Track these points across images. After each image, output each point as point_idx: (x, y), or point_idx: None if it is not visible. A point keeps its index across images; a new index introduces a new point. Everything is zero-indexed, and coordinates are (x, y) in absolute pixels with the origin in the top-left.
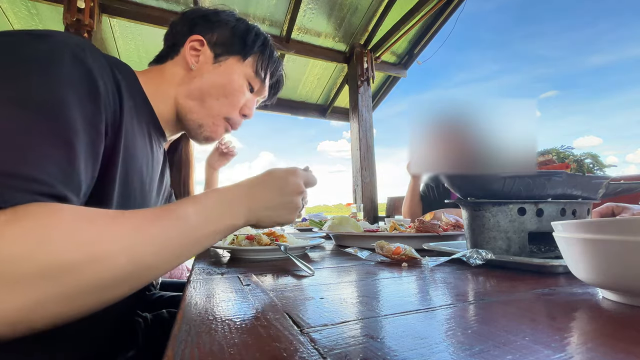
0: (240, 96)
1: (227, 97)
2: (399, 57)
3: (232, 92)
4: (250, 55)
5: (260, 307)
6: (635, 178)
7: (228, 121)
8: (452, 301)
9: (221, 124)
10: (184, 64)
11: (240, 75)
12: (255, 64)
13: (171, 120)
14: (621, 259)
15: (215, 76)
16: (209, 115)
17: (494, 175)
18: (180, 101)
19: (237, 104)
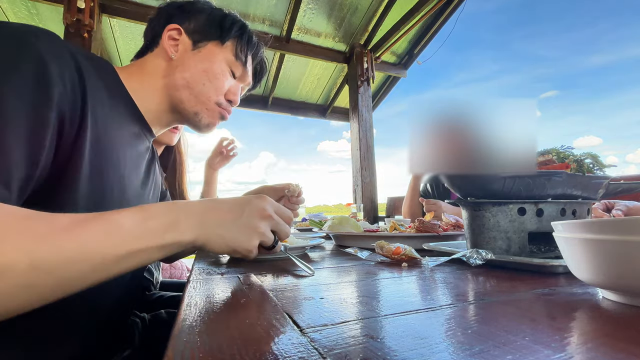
0: (223, 80)
1: (211, 81)
2: (399, 57)
3: (215, 75)
4: (228, 39)
5: (260, 307)
6: (635, 178)
7: (220, 106)
8: (452, 301)
9: (215, 109)
10: (164, 54)
11: (220, 59)
12: (234, 48)
13: (162, 112)
14: (621, 259)
15: (197, 62)
16: (200, 101)
17: (494, 175)
18: (171, 93)
19: (222, 87)
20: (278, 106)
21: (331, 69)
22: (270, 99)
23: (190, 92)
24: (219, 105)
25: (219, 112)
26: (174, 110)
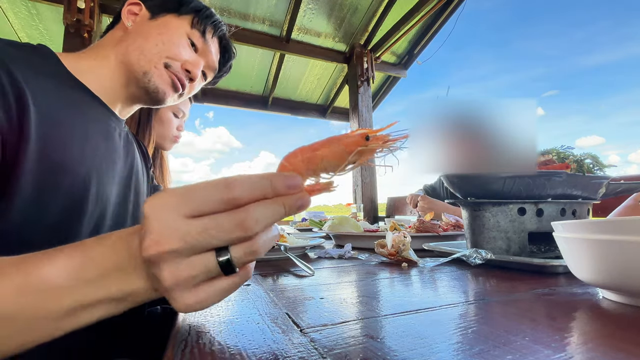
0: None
1: (164, 43)
2: (399, 57)
3: (170, 39)
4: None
5: (260, 307)
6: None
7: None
8: (452, 301)
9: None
10: (122, 26)
11: (177, 26)
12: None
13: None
14: (621, 259)
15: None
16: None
17: (494, 175)
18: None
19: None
20: (278, 106)
21: (331, 69)
22: (270, 99)
23: (141, 52)
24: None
25: (170, 78)
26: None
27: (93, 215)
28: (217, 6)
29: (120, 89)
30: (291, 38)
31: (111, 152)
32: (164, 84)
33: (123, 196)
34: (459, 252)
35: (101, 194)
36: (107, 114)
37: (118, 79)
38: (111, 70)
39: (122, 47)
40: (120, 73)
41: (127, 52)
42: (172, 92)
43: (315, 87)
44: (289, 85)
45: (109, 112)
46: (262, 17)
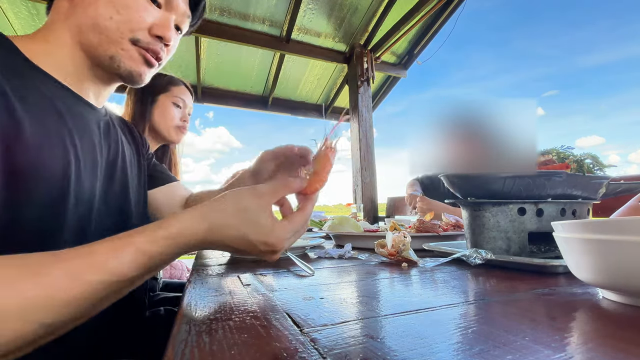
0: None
1: (119, 12)
2: (399, 57)
3: (124, 5)
4: None
5: (260, 307)
6: (636, 178)
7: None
8: (452, 301)
9: (132, 49)
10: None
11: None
12: None
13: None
14: (621, 259)
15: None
16: (112, 41)
17: (494, 175)
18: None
19: (137, 19)
20: (278, 106)
21: (331, 69)
22: (270, 99)
23: (99, 31)
24: (135, 44)
25: (140, 54)
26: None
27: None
28: (217, 6)
29: (86, 72)
30: (291, 38)
31: (89, 147)
32: (136, 65)
33: (106, 190)
34: (459, 252)
35: (81, 193)
36: (79, 104)
37: (80, 62)
38: (70, 53)
39: (72, 24)
40: (81, 56)
41: (81, 32)
42: (148, 69)
43: (315, 87)
44: (289, 85)
45: (81, 101)
46: (262, 17)
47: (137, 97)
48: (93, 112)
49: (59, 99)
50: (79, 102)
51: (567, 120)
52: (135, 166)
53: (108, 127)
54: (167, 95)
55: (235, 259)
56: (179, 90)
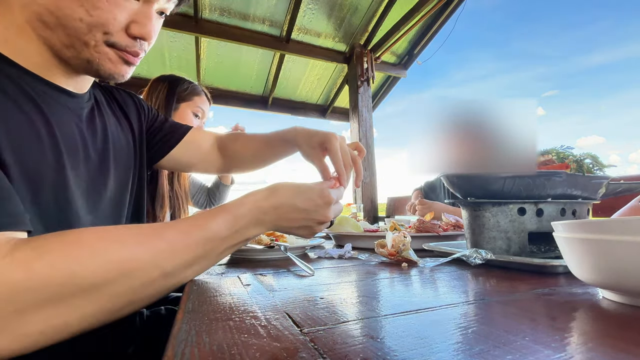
0: (111, 8)
1: (90, 13)
2: (399, 57)
3: (91, 3)
4: None
5: (260, 307)
6: (636, 178)
7: (114, 46)
8: (452, 301)
9: (109, 52)
10: None
11: None
12: None
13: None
14: (621, 259)
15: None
16: (84, 43)
17: (494, 175)
18: (42, 33)
19: (111, 20)
20: (278, 106)
21: (331, 69)
22: (270, 99)
23: (67, 32)
24: (112, 46)
25: (119, 56)
26: (61, 57)
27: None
28: (217, 6)
29: (58, 65)
30: (291, 38)
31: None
32: (115, 67)
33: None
34: (459, 252)
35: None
36: (57, 95)
37: (45, 52)
38: (33, 44)
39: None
40: (44, 48)
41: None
42: (129, 68)
43: (315, 87)
44: (289, 86)
45: (59, 91)
46: (262, 17)
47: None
48: (73, 100)
49: (31, 88)
50: (55, 91)
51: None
52: (133, 145)
53: (92, 113)
54: (188, 104)
55: (235, 259)
56: (200, 100)
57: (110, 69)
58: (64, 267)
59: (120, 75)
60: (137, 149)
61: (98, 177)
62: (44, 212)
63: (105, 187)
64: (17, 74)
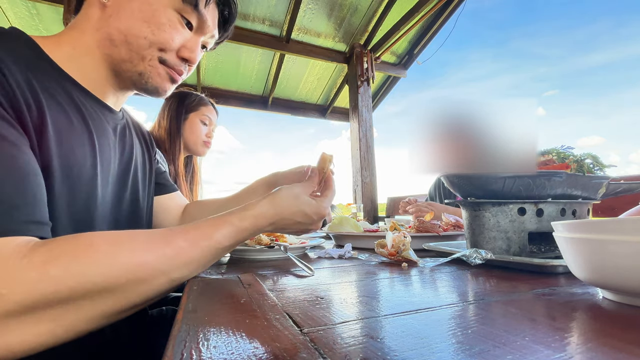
0: (170, 31)
1: (154, 33)
2: (398, 57)
3: (157, 25)
4: None
5: (260, 307)
6: (636, 178)
7: (165, 64)
8: (452, 301)
9: (159, 67)
10: (97, 1)
11: (165, 4)
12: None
13: (105, 78)
14: (621, 259)
15: (135, 9)
16: (141, 57)
17: (494, 175)
18: (105, 51)
19: (169, 41)
20: (278, 106)
21: (331, 69)
22: (270, 99)
23: (129, 47)
24: (163, 63)
25: (167, 73)
26: (117, 72)
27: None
28: None
29: (109, 80)
30: (291, 38)
31: (106, 152)
32: (162, 82)
33: (118, 196)
34: (459, 252)
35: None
36: (101, 110)
37: (105, 71)
38: (95, 61)
39: (103, 35)
40: (107, 67)
41: (112, 45)
42: (172, 85)
43: (315, 87)
44: (289, 86)
45: (102, 106)
46: (262, 17)
47: (172, 113)
48: (111, 115)
49: (80, 100)
50: (99, 105)
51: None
52: (147, 171)
53: (124, 131)
54: (196, 114)
55: (235, 259)
56: (207, 109)
57: (157, 82)
58: (76, 270)
59: (164, 90)
60: (151, 174)
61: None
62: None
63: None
64: (72, 89)
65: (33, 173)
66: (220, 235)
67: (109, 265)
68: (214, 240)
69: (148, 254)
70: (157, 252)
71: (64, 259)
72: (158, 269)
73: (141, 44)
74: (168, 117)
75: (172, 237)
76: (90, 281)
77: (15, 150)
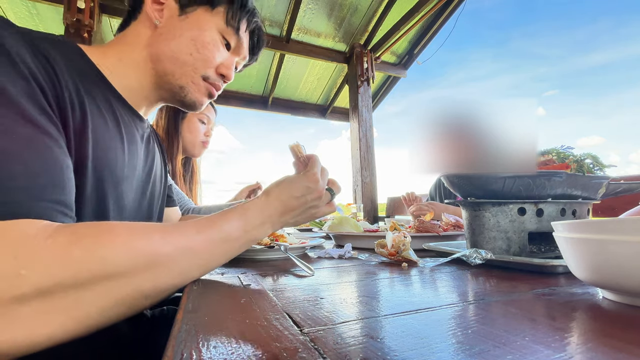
0: (213, 50)
1: (199, 51)
2: (399, 57)
3: (203, 45)
4: (219, 4)
5: (260, 307)
6: (636, 178)
7: (207, 80)
8: (451, 301)
9: (201, 84)
10: (148, 21)
11: (210, 26)
12: (225, 14)
13: (145, 90)
14: (621, 259)
15: (184, 30)
16: (186, 74)
17: (494, 175)
18: (154, 65)
19: (212, 59)
20: (278, 106)
21: (331, 69)
22: (270, 99)
23: (176, 63)
24: (206, 79)
25: (206, 88)
26: (159, 85)
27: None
28: None
29: (148, 91)
30: (291, 38)
31: (133, 159)
32: (200, 96)
33: (139, 202)
34: (459, 252)
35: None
36: (133, 118)
37: (147, 83)
38: (139, 73)
39: (152, 51)
40: (150, 79)
41: (160, 60)
42: (207, 100)
43: (315, 87)
44: (289, 85)
45: (134, 114)
46: (262, 17)
47: (171, 112)
48: (140, 123)
49: (117, 106)
50: (132, 113)
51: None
52: (163, 182)
53: (149, 140)
54: (194, 113)
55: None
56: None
57: (196, 97)
58: (98, 254)
59: (200, 105)
60: (165, 185)
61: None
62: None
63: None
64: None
65: (66, 165)
66: (229, 226)
67: (128, 250)
68: (223, 231)
69: (163, 242)
70: (171, 242)
71: (87, 241)
72: (171, 258)
73: (187, 61)
74: (166, 116)
75: (185, 228)
76: (109, 264)
77: (52, 143)
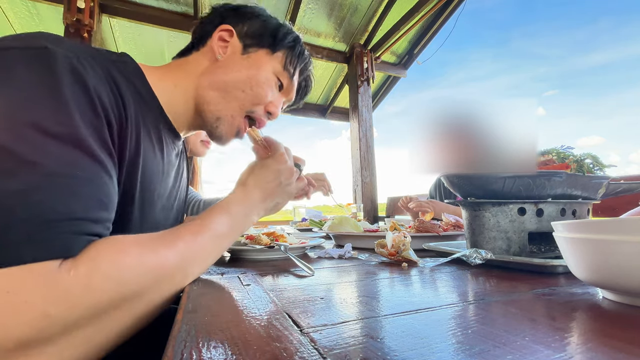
0: (267, 89)
1: (252, 88)
2: (398, 57)
3: (258, 83)
4: (280, 49)
5: (260, 307)
6: (636, 178)
7: (251, 115)
8: (451, 301)
9: (240, 119)
10: (210, 54)
11: (268, 68)
12: (284, 59)
13: (187, 114)
14: (621, 259)
15: (243, 67)
16: (229, 108)
17: (494, 175)
18: (200, 92)
19: (264, 96)
20: None
21: (331, 69)
22: None
23: (224, 95)
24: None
25: (238, 127)
26: (199, 112)
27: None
28: None
29: (192, 116)
30: None
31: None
32: (230, 133)
33: (165, 217)
34: (459, 252)
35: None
36: (174, 139)
37: (192, 108)
38: (187, 99)
39: (206, 80)
40: (194, 105)
41: (210, 88)
42: (234, 138)
43: (315, 87)
44: None
45: (176, 136)
46: None
47: None
48: (177, 142)
49: (163, 130)
50: (173, 134)
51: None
52: (186, 190)
53: (180, 155)
54: None
55: (235, 259)
56: None
57: (227, 131)
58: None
59: (227, 139)
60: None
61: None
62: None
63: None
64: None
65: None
66: (216, 224)
67: (140, 268)
68: (214, 230)
69: (167, 251)
70: (174, 249)
71: (104, 266)
72: (175, 266)
73: (237, 96)
74: None
75: (180, 233)
76: (126, 286)
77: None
